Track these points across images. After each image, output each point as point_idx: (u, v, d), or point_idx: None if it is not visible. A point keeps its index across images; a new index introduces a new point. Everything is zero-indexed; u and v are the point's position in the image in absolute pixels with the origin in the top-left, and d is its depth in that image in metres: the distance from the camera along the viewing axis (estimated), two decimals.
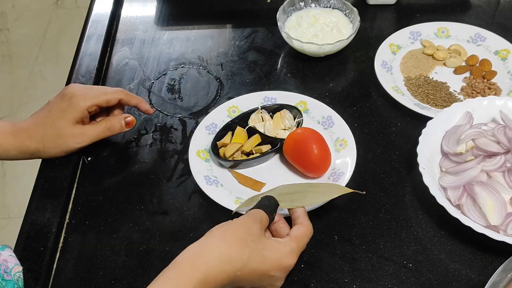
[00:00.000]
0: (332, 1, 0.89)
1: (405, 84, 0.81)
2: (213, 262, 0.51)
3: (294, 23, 0.88)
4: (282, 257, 0.55)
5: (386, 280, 0.60)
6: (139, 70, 0.87)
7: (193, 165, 0.69)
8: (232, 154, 0.70)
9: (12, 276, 0.59)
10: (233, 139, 0.73)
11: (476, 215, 0.61)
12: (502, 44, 0.84)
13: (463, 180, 0.63)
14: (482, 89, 0.79)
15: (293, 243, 0.56)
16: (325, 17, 0.88)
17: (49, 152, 0.70)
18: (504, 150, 0.65)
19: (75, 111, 0.68)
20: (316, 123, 0.75)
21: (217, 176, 0.69)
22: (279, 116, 0.75)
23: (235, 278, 0.52)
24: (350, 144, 0.70)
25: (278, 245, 0.55)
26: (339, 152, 0.70)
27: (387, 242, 0.63)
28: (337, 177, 0.67)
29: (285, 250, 0.55)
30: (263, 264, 0.54)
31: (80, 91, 0.70)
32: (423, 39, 0.88)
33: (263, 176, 0.70)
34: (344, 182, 0.66)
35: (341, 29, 0.86)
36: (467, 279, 0.59)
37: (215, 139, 0.72)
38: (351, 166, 0.67)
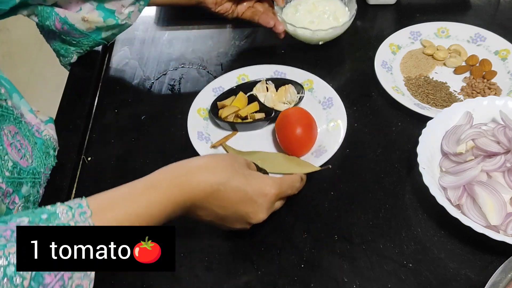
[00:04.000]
0: None
1: (405, 84, 0.81)
2: (195, 169, 0.53)
3: (292, 9, 0.89)
4: (265, 184, 0.56)
5: (385, 279, 0.60)
6: (139, 70, 0.87)
7: (191, 120, 0.74)
8: (227, 115, 0.75)
9: (42, 136, 0.68)
10: (233, 103, 0.77)
11: (476, 215, 0.61)
12: (502, 44, 0.84)
13: (463, 180, 0.63)
14: (482, 89, 0.79)
15: (277, 179, 0.58)
16: (323, 5, 0.89)
17: None
18: (504, 150, 0.65)
19: None
20: (317, 102, 0.78)
21: (210, 134, 0.75)
22: (283, 89, 0.78)
23: (218, 194, 0.53)
24: (342, 126, 0.73)
25: (262, 175, 0.58)
26: (330, 131, 0.74)
27: (386, 241, 0.63)
28: (319, 154, 0.71)
29: (268, 180, 0.57)
30: (246, 185, 0.55)
31: None
32: (423, 39, 0.88)
33: (253, 144, 0.74)
34: (324, 160, 0.69)
35: (338, 18, 0.87)
36: (467, 279, 0.59)
37: (217, 99, 0.77)
38: (335, 147, 0.71)
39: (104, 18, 0.77)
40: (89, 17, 0.76)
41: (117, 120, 0.79)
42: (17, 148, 0.60)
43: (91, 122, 0.79)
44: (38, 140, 0.67)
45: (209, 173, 0.53)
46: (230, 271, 0.61)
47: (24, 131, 0.64)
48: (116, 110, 0.81)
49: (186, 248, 0.63)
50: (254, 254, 0.62)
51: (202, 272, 0.61)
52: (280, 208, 0.66)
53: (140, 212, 0.49)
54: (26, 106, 0.67)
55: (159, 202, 0.50)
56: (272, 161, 0.70)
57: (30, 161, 0.63)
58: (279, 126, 0.72)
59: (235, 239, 0.64)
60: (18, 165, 0.60)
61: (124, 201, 0.49)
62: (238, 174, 0.55)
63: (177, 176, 0.52)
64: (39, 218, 0.44)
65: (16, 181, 0.59)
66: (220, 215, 0.55)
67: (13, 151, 0.59)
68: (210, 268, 0.61)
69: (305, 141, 0.71)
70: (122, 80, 0.85)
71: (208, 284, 0.60)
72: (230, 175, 0.54)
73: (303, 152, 0.72)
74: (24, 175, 0.61)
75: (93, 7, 0.76)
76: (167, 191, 0.51)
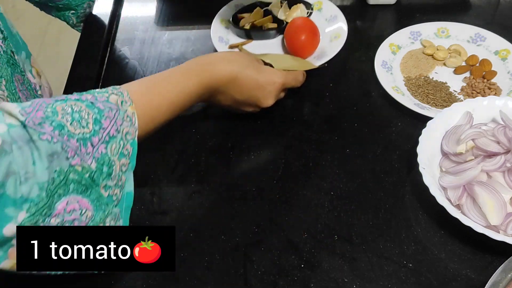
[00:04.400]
0: None
1: (405, 84, 0.81)
2: (218, 60, 0.67)
3: None
4: (274, 74, 0.71)
5: (386, 279, 0.60)
6: (139, 70, 0.87)
7: (214, 28, 0.89)
8: (245, 24, 0.90)
9: (38, 95, 0.75)
10: (251, 15, 0.91)
11: (476, 215, 0.61)
12: (502, 44, 0.84)
13: (463, 180, 0.63)
14: (482, 89, 0.79)
15: (283, 71, 0.73)
16: None
17: None
18: (504, 150, 0.65)
19: None
20: (324, 20, 0.91)
21: (229, 40, 0.90)
22: (295, 7, 0.92)
23: (236, 80, 0.67)
24: (342, 38, 0.86)
25: (271, 68, 0.73)
26: (332, 41, 0.87)
27: (387, 242, 0.63)
28: (320, 57, 0.84)
29: (277, 71, 0.72)
30: (258, 74, 0.69)
31: None
32: (423, 39, 0.88)
33: (266, 50, 0.87)
34: (320, 62, 0.82)
35: None
36: (467, 279, 0.59)
37: (238, 12, 0.93)
38: (334, 52, 0.84)
39: None
40: None
41: None
42: (25, 95, 0.68)
43: None
44: (36, 97, 0.71)
45: (229, 63, 0.67)
46: (230, 271, 0.61)
47: (26, 84, 0.69)
48: None
49: (186, 248, 0.63)
50: (254, 254, 0.62)
51: (202, 272, 0.61)
52: (281, 209, 0.67)
53: (177, 93, 0.62)
54: (28, 66, 0.71)
55: (192, 84, 0.64)
56: (280, 60, 0.83)
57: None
58: (288, 32, 0.86)
59: (235, 239, 0.64)
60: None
61: (166, 85, 0.62)
62: (251, 65, 0.69)
63: (205, 63, 0.66)
64: (82, 96, 0.53)
65: None
66: (236, 99, 0.69)
67: (23, 97, 0.66)
68: (210, 268, 0.61)
69: (308, 45, 0.85)
70: (122, 80, 0.85)
71: (208, 284, 0.60)
72: (245, 66, 0.68)
73: (306, 55, 0.85)
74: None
75: None
76: (198, 77, 0.64)
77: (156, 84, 0.62)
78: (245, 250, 0.63)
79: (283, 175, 0.71)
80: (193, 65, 0.66)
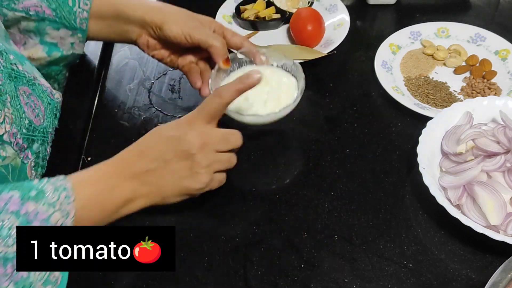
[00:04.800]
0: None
1: (405, 84, 0.81)
2: (124, 152, 0.59)
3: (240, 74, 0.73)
4: (176, 121, 0.61)
5: (386, 280, 0.60)
6: (139, 70, 0.87)
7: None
8: (249, 15, 0.92)
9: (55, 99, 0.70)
10: (254, 7, 0.94)
11: (476, 215, 0.61)
12: (502, 44, 0.84)
13: (463, 180, 0.63)
14: (482, 89, 0.79)
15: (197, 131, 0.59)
16: (276, 80, 0.73)
17: None
18: (504, 150, 0.65)
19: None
20: (324, 9, 0.94)
21: None
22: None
23: (142, 153, 0.58)
24: (345, 26, 0.89)
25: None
26: (336, 30, 0.90)
27: (387, 242, 0.63)
28: (327, 45, 0.87)
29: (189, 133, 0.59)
30: (159, 131, 0.60)
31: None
32: (423, 39, 0.88)
33: (271, 42, 0.89)
34: (328, 50, 0.85)
35: (280, 97, 0.71)
36: (467, 279, 0.59)
37: (240, 4, 0.94)
38: (339, 40, 0.86)
39: (48, 52, 0.73)
40: (34, 54, 0.73)
41: (117, 120, 0.79)
42: (32, 107, 0.64)
43: (91, 122, 0.79)
44: (52, 101, 0.69)
45: (123, 150, 0.60)
46: (230, 271, 0.61)
47: (38, 92, 0.67)
48: (116, 110, 0.81)
49: (186, 248, 0.63)
50: (254, 254, 0.62)
51: (202, 272, 0.61)
52: (280, 209, 0.67)
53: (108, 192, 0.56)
54: (38, 72, 0.69)
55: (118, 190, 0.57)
56: (288, 51, 0.85)
57: (42, 120, 0.66)
58: (294, 22, 0.88)
59: (235, 239, 0.64)
60: (32, 123, 0.64)
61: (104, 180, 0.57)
62: (149, 133, 0.60)
63: (104, 166, 0.59)
64: (28, 196, 0.48)
65: (30, 137, 0.63)
66: (164, 171, 0.58)
67: (29, 110, 0.64)
68: (210, 268, 0.61)
69: (315, 34, 0.87)
70: (122, 80, 0.86)
71: (208, 284, 0.60)
72: (140, 139, 0.60)
73: (313, 44, 0.87)
74: (36, 133, 0.64)
75: (36, 41, 0.72)
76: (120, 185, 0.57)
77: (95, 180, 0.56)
78: (245, 250, 0.63)
79: (283, 175, 0.71)
80: (92, 170, 0.58)
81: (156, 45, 0.73)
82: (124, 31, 0.73)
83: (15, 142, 0.60)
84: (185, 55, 0.74)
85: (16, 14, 0.68)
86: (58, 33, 0.72)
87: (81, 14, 0.71)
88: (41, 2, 0.69)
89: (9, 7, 0.68)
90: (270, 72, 0.73)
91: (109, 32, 0.73)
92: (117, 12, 0.71)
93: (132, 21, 0.71)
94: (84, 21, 0.71)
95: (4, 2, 0.68)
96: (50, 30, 0.71)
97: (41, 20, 0.70)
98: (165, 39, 0.71)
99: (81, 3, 0.70)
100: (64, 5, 0.70)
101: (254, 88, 0.65)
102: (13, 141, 0.60)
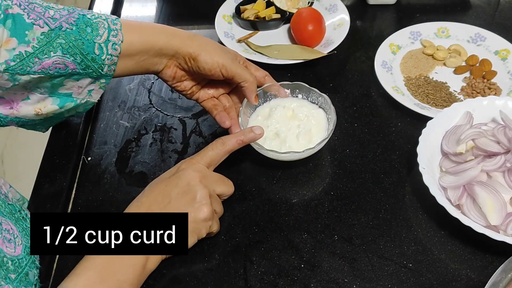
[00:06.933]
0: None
1: (405, 84, 0.81)
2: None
3: (267, 111, 0.72)
4: (179, 163, 0.62)
5: (386, 280, 0.60)
6: None
7: (218, 24, 0.91)
8: (249, 15, 0.92)
9: (11, 199, 0.62)
10: (254, 7, 0.94)
11: (476, 215, 0.61)
12: (502, 44, 0.84)
13: (463, 180, 0.63)
14: (482, 89, 0.79)
15: (196, 169, 0.61)
16: (304, 111, 0.71)
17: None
18: (504, 150, 0.65)
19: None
20: (324, 9, 0.94)
21: (234, 34, 0.92)
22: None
23: (143, 203, 0.58)
24: (345, 26, 0.89)
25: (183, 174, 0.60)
26: (336, 30, 0.90)
27: (387, 242, 0.63)
28: (327, 45, 0.87)
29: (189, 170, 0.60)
30: (158, 178, 0.61)
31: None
32: (423, 39, 0.88)
33: (272, 42, 0.90)
34: (328, 50, 0.85)
35: (312, 135, 0.69)
36: (467, 279, 0.59)
37: (240, 4, 0.94)
38: (340, 40, 0.87)
39: (60, 105, 0.64)
40: (42, 109, 0.63)
41: (117, 120, 0.79)
42: (7, 239, 0.55)
43: (91, 122, 0.79)
44: (12, 207, 0.60)
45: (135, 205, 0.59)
46: (230, 271, 0.61)
47: (3, 210, 0.57)
48: (116, 110, 0.81)
49: None
50: (254, 254, 0.62)
51: (202, 272, 0.61)
52: (280, 209, 0.66)
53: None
54: None
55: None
56: (288, 51, 0.86)
57: (20, 242, 0.57)
58: (294, 22, 0.88)
59: (235, 239, 0.64)
60: (14, 258, 0.55)
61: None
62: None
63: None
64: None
65: (22, 274, 0.55)
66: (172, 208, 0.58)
67: (8, 246, 0.54)
68: (210, 268, 0.61)
69: (316, 34, 0.87)
70: (122, 80, 0.85)
71: (208, 284, 0.60)
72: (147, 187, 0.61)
73: (314, 44, 0.87)
74: (23, 263, 0.56)
75: (46, 95, 0.63)
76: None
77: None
78: (245, 250, 0.63)
79: (283, 175, 0.71)
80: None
81: (182, 76, 0.68)
82: (153, 64, 0.65)
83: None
84: (206, 88, 0.71)
85: (31, 77, 0.58)
86: (77, 83, 0.63)
87: (109, 61, 0.61)
88: (63, 57, 0.58)
89: (23, 72, 0.57)
90: (297, 105, 0.72)
91: (135, 68, 0.65)
92: (149, 46, 0.63)
93: (165, 53, 0.64)
94: (112, 66, 0.62)
95: (17, 66, 0.56)
96: (69, 82, 0.62)
97: (62, 75, 0.60)
98: (197, 71, 0.66)
99: (110, 48, 0.60)
100: (90, 55, 0.59)
101: (283, 123, 0.69)
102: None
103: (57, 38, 0.57)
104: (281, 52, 0.85)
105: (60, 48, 0.57)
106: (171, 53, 0.64)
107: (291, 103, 0.72)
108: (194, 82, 0.69)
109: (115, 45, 0.60)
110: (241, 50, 0.86)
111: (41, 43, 0.56)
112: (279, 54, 0.85)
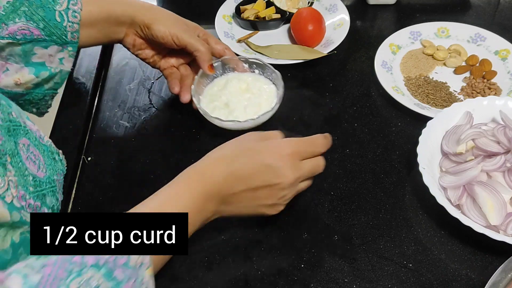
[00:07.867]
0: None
1: (405, 84, 0.81)
2: (208, 161, 0.57)
3: (223, 82, 0.76)
4: (277, 147, 0.57)
5: (386, 280, 0.60)
6: (139, 70, 0.87)
7: (218, 24, 0.91)
8: (249, 15, 0.92)
9: (45, 142, 0.66)
10: (254, 7, 0.94)
11: (476, 215, 0.61)
12: (502, 44, 0.84)
13: (463, 180, 0.63)
14: (482, 89, 0.79)
15: (292, 139, 0.59)
16: (257, 86, 0.76)
17: None
18: (504, 150, 0.65)
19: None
20: (324, 9, 0.94)
21: (234, 34, 0.92)
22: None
23: (233, 175, 0.55)
24: (345, 26, 0.89)
25: (276, 141, 0.58)
26: (336, 30, 0.90)
27: (387, 242, 0.63)
28: (327, 45, 0.87)
29: (282, 142, 0.58)
30: (257, 154, 0.56)
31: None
32: (423, 39, 0.88)
33: (272, 42, 0.90)
34: (328, 50, 0.85)
35: (261, 103, 0.74)
36: (467, 279, 0.59)
37: (240, 4, 0.94)
38: (340, 40, 0.86)
39: (36, 73, 0.69)
40: (21, 78, 0.68)
41: (117, 120, 0.79)
42: (33, 160, 0.61)
43: (91, 122, 0.79)
44: (44, 147, 0.65)
45: (217, 161, 0.57)
46: (230, 271, 0.61)
47: (33, 141, 0.63)
48: (116, 110, 0.81)
49: None
50: (254, 254, 0.62)
51: (202, 272, 0.61)
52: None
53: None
54: (23, 114, 0.65)
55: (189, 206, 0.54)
56: (288, 51, 0.86)
57: (44, 170, 0.63)
58: (294, 22, 0.88)
59: (235, 239, 0.64)
60: (36, 177, 0.60)
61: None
62: (246, 149, 0.57)
63: (193, 178, 0.56)
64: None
65: (40, 193, 0.60)
66: (249, 196, 0.57)
67: (31, 165, 0.60)
68: (210, 268, 0.61)
69: (316, 34, 0.87)
70: (122, 80, 0.85)
71: (208, 284, 0.60)
72: (238, 153, 0.57)
73: (314, 44, 0.87)
74: (43, 186, 0.61)
75: (22, 64, 0.68)
76: (192, 198, 0.55)
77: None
78: (245, 250, 0.63)
79: None
80: (182, 185, 0.56)
81: (141, 44, 0.74)
82: (113, 32, 0.72)
83: (27, 204, 0.56)
84: (167, 58, 0.77)
85: (1, 42, 0.64)
86: (47, 51, 0.68)
87: (71, 28, 0.67)
88: (27, 23, 0.65)
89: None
90: (252, 79, 0.76)
91: (98, 37, 0.72)
92: (107, 15, 0.70)
93: (122, 21, 0.71)
94: (75, 33, 0.68)
95: None
96: (39, 49, 0.67)
97: (29, 42, 0.66)
98: (151, 39, 0.72)
99: (70, 16, 0.67)
100: (52, 22, 0.66)
101: (236, 94, 0.72)
102: (24, 204, 0.55)
103: (22, 6, 0.64)
104: (281, 52, 0.85)
105: (24, 15, 0.64)
106: (128, 21, 0.71)
107: (247, 77, 0.76)
108: (155, 51, 0.76)
109: (75, 13, 0.67)
110: (241, 50, 0.86)
111: (7, 11, 0.64)
112: (279, 54, 0.85)
